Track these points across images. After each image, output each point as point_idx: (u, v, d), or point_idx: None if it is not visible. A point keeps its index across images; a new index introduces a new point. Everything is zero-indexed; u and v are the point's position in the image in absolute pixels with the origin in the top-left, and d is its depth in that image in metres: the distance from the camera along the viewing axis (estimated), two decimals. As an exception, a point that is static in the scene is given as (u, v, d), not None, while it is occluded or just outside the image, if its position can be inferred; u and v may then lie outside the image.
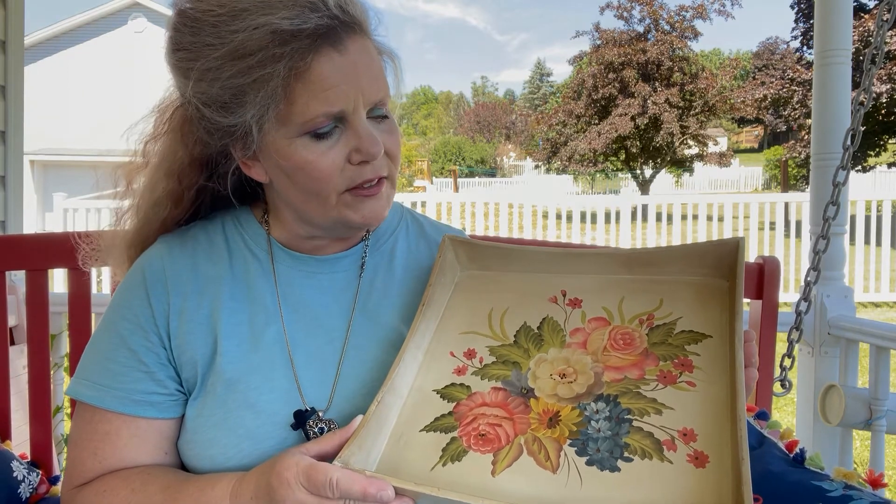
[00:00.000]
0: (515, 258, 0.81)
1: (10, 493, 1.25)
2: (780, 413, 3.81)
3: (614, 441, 0.63)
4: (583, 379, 0.69)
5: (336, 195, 0.74)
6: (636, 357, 0.69)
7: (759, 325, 1.50)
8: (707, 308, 0.72)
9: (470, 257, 0.83)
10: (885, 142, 13.14)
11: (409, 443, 0.69)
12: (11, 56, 2.13)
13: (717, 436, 0.62)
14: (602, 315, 0.75)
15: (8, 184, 2.15)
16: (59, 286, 5.97)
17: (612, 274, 0.77)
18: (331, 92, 0.69)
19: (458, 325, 0.79)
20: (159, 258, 0.81)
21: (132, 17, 16.04)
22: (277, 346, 0.79)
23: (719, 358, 0.67)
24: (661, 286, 0.75)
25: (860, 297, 6.68)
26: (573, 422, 0.66)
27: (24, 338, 1.68)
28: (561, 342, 0.73)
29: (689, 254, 0.74)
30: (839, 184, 1.19)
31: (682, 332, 0.70)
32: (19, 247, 1.41)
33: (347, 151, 0.72)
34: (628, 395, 0.66)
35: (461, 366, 0.75)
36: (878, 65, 1.11)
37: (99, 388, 0.77)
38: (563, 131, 18.01)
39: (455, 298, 0.82)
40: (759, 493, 1.03)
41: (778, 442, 1.15)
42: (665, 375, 0.67)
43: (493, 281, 0.82)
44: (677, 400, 0.65)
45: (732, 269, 0.72)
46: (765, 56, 40.11)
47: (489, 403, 0.70)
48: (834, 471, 1.05)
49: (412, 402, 0.73)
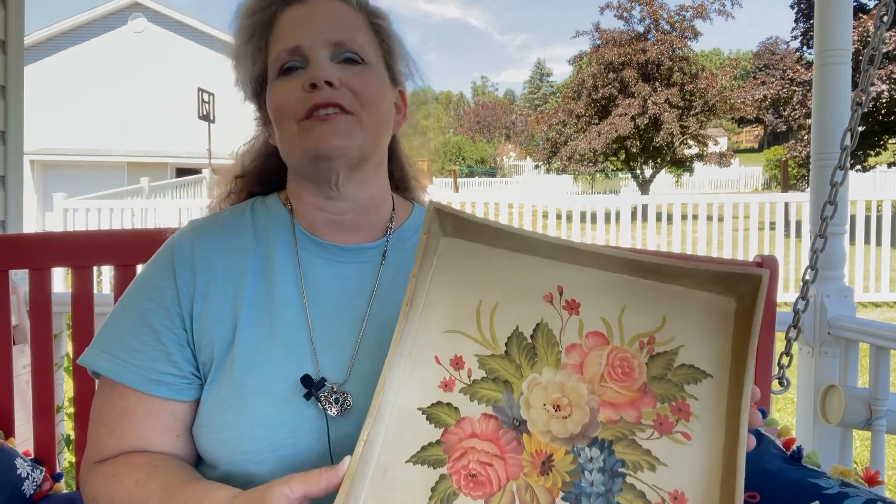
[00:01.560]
0: (508, 237, 0.72)
1: (14, 491, 1.25)
2: (780, 413, 3.82)
3: (606, 499, 0.62)
4: (578, 414, 0.66)
5: (295, 122, 0.80)
6: (634, 394, 0.66)
7: (759, 325, 1.50)
8: (713, 335, 0.67)
9: (456, 227, 0.73)
10: (885, 142, 13.15)
11: (395, 478, 0.65)
12: (11, 56, 2.13)
13: (705, 503, 0.61)
14: (601, 329, 0.69)
15: (8, 184, 2.15)
16: (58, 286, 5.97)
17: (613, 272, 0.70)
18: (289, 32, 0.82)
19: (443, 320, 0.71)
20: (189, 241, 0.84)
21: (132, 17, 16.04)
22: (298, 331, 0.81)
23: (717, 406, 0.64)
24: (666, 297, 0.69)
25: (860, 297, 6.67)
26: (566, 470, 0.64)
27: (24, 338, 1.68)
28: (556, 361, 0.69)
29: (701, 273, 0.67)
30: (837, 184, 1.20)
31: (683, 366, 0.67)
32: (22, 246, 1.41)
33: (302, 81, 0.80)
34: (623, 443, 0.65)
35: (448, 378, 0.69)
36: (875, 65, 1.11)
37: (117, 362, 0.79)
38: (563, 131, 18.01)
39: (438, 277, 0.72)
40: (755, 490, 1.03)
41: (775, 439, 1.15)
42: (661, 422, 0.65)
43: (481, 259, 0.73)
44: (671, 454, 0.63)
45: (746, 296, 0.66)
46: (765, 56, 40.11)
47: (480, 435, 0.66)
48: (830, 468, 1.05)
49: (397, 423, 0.67)
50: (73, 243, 1.41)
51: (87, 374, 1.39)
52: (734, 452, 0.60)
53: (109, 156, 15.43)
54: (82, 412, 1.39)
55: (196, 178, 12.35)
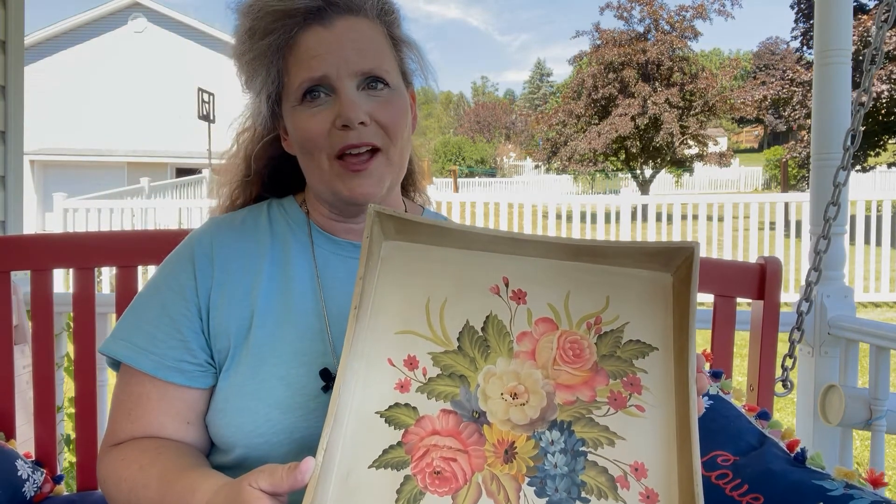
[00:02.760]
0: (450, 235, 0.72)
1: (15, 492, 1.25)
2: (780, 413, 3.81)
3: (571, 479, 0.64)
4: (535, 400, 0.67)
5: (328, 160, 0.81)
6: (586, 373, 0.68)
7: (761, 326, 1.50)
8: (654, 309, 0.70)
9: (398, 230, 0.72)
10: (885, 142, 13.14)
11: (359, 482, 0.64)
12: (11, 56, 2.13)
13: (665, 470, 0.64)
14: (549, 315, 0.71)
15: (8, 184, 2.15)
16: (58, 286, 5.97)
17: (555, 258, 0.72)
18: (314, 60, 0.79)
19: (393, 320, 0.71)
20: (209, 236, 0.88)
21: (132, 17, 16.04)
22: (315, 321, 0.84)
23: (665, 376, 0.67)
24: (608, 278, 0.71)
25: (860, 297, 6.67)
26: (529, 455, 0.65)
27: (24, 338, 1.68)
28: (509, 351, 0.70)
29: (638, 251, 0.70)
30: (840, 184, 1.20)
31: (630, 341, 0.69)
32: (23, 247, 1.41)
33: (333, 117, 0.79)
34: (582, 423, 0.66)
35: (403, 380, 0.68)
36: (877, 65, 1.11)
37: (136, 350, 0.82)
38: (563, 131, 18.01)
39: (385, 280, 0.72)
40: (759, 492, 1.03)
41: (779, 441, 1.15)
42: (616, 398, 0.67)
43: (426, 258, 0.73)
44: (628, 428, 0.66)
45: (682, 269, 0.69)
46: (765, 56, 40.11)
47: (441, 432, 0.66)
48: (835, 470, 1.05)
49: (354, 427, 0.66)
50: (74, 244, 1.41)
51: (87, 374, 1.40)
52: (687, 418, 0.62)
53: (109, 156, 15.43)
54: (82, 412, 1.39)
55: (196, 178, 12.34)
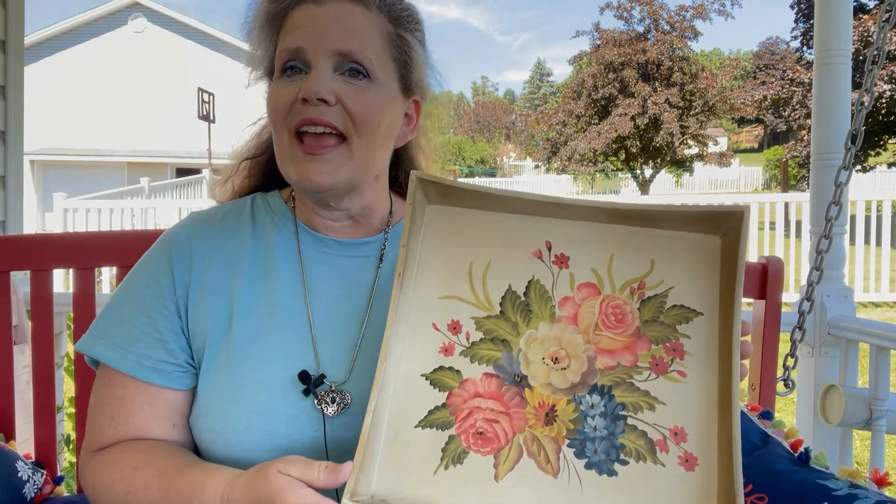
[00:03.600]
0: (492, 199, 0.72)
1: (15, 494, 1.25)
2: (780, 413, 3.81)
3: (610, 442, 0.65)
4: (576, 364, 0.68)
5: (288, 136, 0.78)
6: (628, 338, 0.68)
7: (763, 326, 1.50)
8: (700, 274, 0.68)
9: (440, 194, 0.73)
10: (885, 142, 13.14)
11: (406, 441, 0.67)
12: (11, 56, 2.13)
13: (705, 435, 0.63)
14: (591, 280, 0.70)
15: (8, 184, 2.15)
16: (58, 286, 5.97)
17: (599, 222, 0.71)
18: (296, 31, 0.78)
19: (437, 286, 0.72)
20: (187, 232, 0.85)
21: (132, 17, 16.03)
22: (299, 321, 0.81)
23: (709, 342, 0.66)
24: (653, 241, 0.70)
25: (860, 297, 6.67)
26: (570, 418, 0.66)
27: (24, 338, 1.68)
28: (551, 315, 0.70)
29: (685, 214, 0.69)
30: (841, 184, 1.20)
31: (674, 307, 0.68)
32: (23, 247, 1.41)
33: (298, 90, 0.77)
34: (622, 387, 0.67)
35: (447, 343, 0.70)
36: (879, 65, 1.11)
37: (114, 349, 0.79)
38: (563, 131, 18.01)
39: (428, 245, 0.73)
40: (763, 491, 1.03)
41: (782, 441, 1.15)
42: (657, 363, 0.67)
43: (469, 222, 0.73)
44: (669, 393, 0.66)
45: (730, 233, 0.67)
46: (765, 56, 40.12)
47: (483, 394, 0.68)
48: (839, 470, 1.05)
49: (402, 391, 0.68)
50: (74, 244, 1.41)
51: (87, 374, 1.40)
52: (729, 384, 0.63)
53: (109, 156, 15.42)
54: (82, 412, 1.39)
55: (196, 178, 12.34)
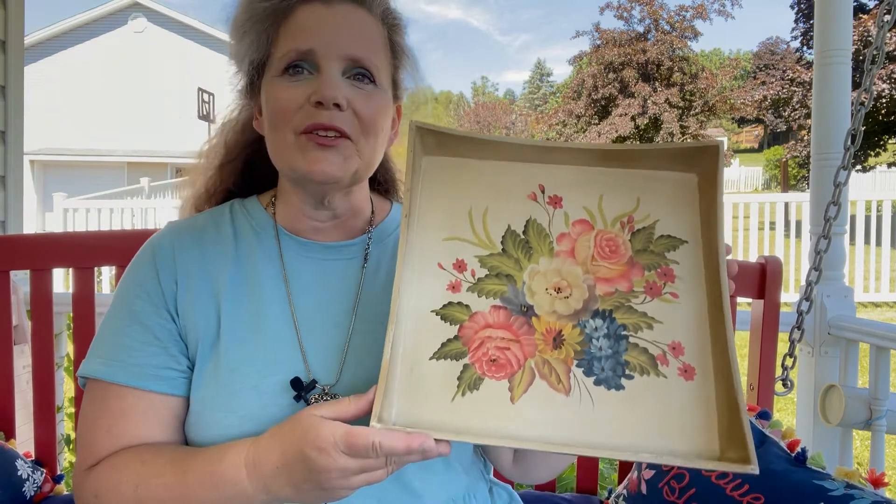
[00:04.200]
0: (486, 147, 0.77)
1: (15, 492, 1.25)
2: (780, 413, 3.81)
3: (615, 359, 0.70)
4: (577, 293, 0.73)
5: (292, 134, 0.77)
6: (623, 267, 0.74)
7: (761, 326, 1.50)
8: (682, 208, 0.75)
9: (437, 143, 0.77)
10: (885, 142, 13.14)
11: (422, 374, 0.70)
12: (11, 56, 2.14)
13: (700, 347, 0.69)
14: (584, 217, 0.76)
15: (8, 184, 2.15)
16: (58, 286, 5.98)
17: (588, 166, 0.77)
18: (305, 32, 0.77)
19: (440, 229, 0.76)
20: (169, 240, 0.84)
21: (132, 17, 16.03)
22: (284, 327, 0.80)
23: (695, 266, 0.73)
24: (638, 181, 0.76)
25: (860, 297, 6.67)
26: (576, 341, 0.71)
27: (24, 338, 1.68)
28: (549, 250, 0.75)
29: (665, 152, 0.75)
30: (840, 184, 1.20)
31: (662, 236, 0.74)
32: (22, 246, 1.41)
33: (309, 92, 0.76)
34: (622, 310, 0.72)
35: (454, 281, 0.74)
36: (878, 65, 1.11)
37: (112, 364, 0.78)
38: (563, 131, 18.01)
39: (428, 190, 0.77)
40: (760, 491, 1.03)
41: (779, 441, 1.15)
42: (651, 287, 0.73)
43: (466, 170, 0.78)
44: (664, 312, 0.71)
45: (707, 169, 0.74)
46: (765, 56, 40.11)
47: (493, 325, 0.72)
48: (836, 470, 1.05)
49: (414, 327, 0.72)
50: (74, 244, 1.41)
51: (87, 375, 1.40)
52: (719, 300, 0.69)
53: (109, 156, 15.42)
54: (82, 412, 1.38)
55: (196, 178, 12.32)
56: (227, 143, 0.94)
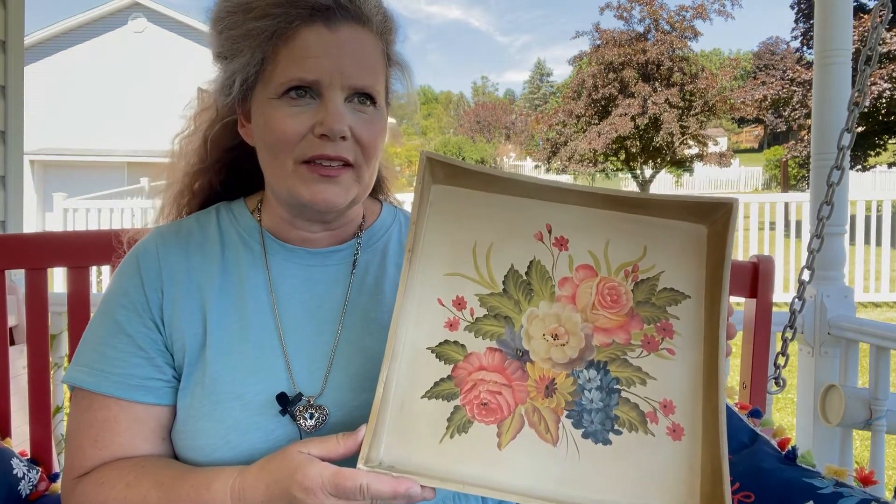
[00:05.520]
0: (497, 182, 0.76)
1: (10, 490, 1.26)
2: (780, 413, 3.81)
3: (605, 413, 0.69)
4: (574, 341, 0.72)
5: (293, 163, 0.76)
6: (622, 318, 0.73)
7: (754, 324, 1.50)
8: (688, 260, 0.74)
9: (447, 174, 0.76)
10: (885, 142, 13.13)
11: (412, 412, 0.69)
12: (11, 56, 2.14)
13: (692, 407, 0.69)
14: (589, 262, 0.75)
15: (8, 184, 2.15)
16: (58, 287, 5.98)
17: (597, 208, 0.76)
18: (310, 61, 0.74)
19: (443, 263, 0.75)
20: (154, 247, 0.83)
21: (132, 17, 16.03)
22: (269, 335, 0.79)
23: (695, 323, 0.71)
24: (646, 229, 0.75)
25: (860, 297, 6.67)
26: (568, 391, 0.70)
27: (24, 338, 1.68)
28: (550, 295, 0.74)
29: (678, 204, 0.73)
30: (833, 184, 1.20)
31: (665, 289, 0.73)
32: (19, 246, 1.41)
33: (313, 122, 0.75)
34: (617, 363, 0.71)
35: (452, 318, 0.73)
36: (872, 65, 1.11)
37: (97, 374, 0.77)
38: (563, 131, 18.01)
39: (434, 221, 0.76)
40: (750, 489, 1.03)
41: (770, 439, 1.16)
42: (649, 341, 0.72)
43: (474, 203, 0.77)
44: (659, 369, 0.71)
45: (718, 224, 0.72)
46: (765, 56, 40.10)
47: (487, 367, 0.71)
48: (825, 468, 1.06)
49: (409, 363, 0.71)
50: (69, 243, 1.41)
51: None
52: (715, 361, 0.68)
53: (109, 156, 15.41)
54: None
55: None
56: (210, 144, 0.89)
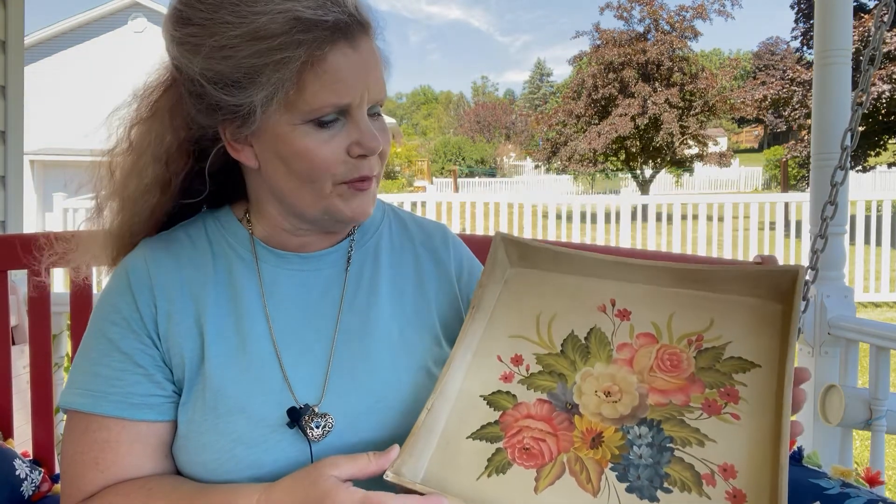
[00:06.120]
0: (566, 260, 0.80)
1: (13, 491, 1.25)
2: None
3: (655, 470, 0.64)
4: (627, 399, 0.69)
5: (332, 185, 0.75)
6: (682, 381, 0.69)
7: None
8: (759, 334, 0.70)
9: (520, 255, 0.83)
10: (885, 142, 13.13)
11: (456, 450, 0.70)
12: (11, 56, 2.14)
13: (756, 476, 0.63)
14: (650, 331, 0.73)
15: (8, 184, 2.15)
16: (58, 287, 5.97)
17: (663, 286, 0.76)
18: (341, 85, 0.71)
19: (507, 327, 0.79)
20: (143, 262, 0.80)
21: (132, 17, 16.04)
22: (265, 346, 0.78)
23: (766, 391, 0.67)
24: (714, 304, 0.73)
25: (860, 297, 6.67)
26: (615, 444, 0.67)
27: (25, 338, 1.68)
28: (608, 357, 0.73)
29: (745, 276, 0.72)
30: (837, 184, 1.20)
31: (731, 358, 0.69)
32: (20, 246, 1.41)
33: (348, 144, 0.74)
34: (672, 422, 0.67)
35: (508, 372, 0.75)
36: (875, 65, 1.11)
37: (93, 395, 0.74)
38: (563, 131, 18.01)
39: (504, 296, 0.82)
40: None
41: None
42: (710, 405, 0.67)
43: (543, 281, 0.82)
44: (720, 432, 0.65)
45: (789, 295, 0.70)
46: (765, 56, 40.10)
47: (534, 416, 0.71)
48: (831, 469, 1.06)
49: (460, 406, 0.74)
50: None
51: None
52: (779, 429, 0.63)
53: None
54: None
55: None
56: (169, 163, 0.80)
